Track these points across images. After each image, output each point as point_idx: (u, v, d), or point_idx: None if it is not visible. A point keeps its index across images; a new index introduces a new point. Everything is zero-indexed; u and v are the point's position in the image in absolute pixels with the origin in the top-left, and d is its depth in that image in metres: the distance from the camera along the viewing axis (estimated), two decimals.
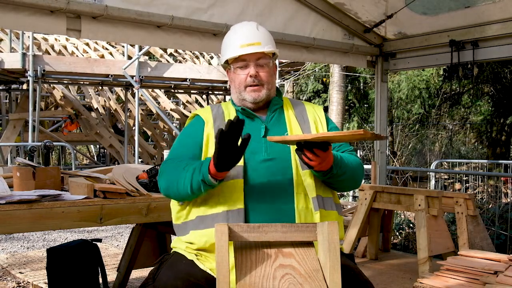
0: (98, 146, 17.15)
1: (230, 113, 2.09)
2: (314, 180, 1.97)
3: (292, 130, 2.07)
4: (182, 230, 2.00)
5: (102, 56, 10.46)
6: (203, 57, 11.76)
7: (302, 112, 2.16)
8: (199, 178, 1.84)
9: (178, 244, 2.00)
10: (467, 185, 8.47)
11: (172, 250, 2.02)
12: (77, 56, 10.48)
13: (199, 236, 1.91)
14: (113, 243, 5.97)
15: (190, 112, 11.77)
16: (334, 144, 2.10)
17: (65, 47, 10.92)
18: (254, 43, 2.06)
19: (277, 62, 10.46)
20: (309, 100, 12.89)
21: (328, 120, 2.18)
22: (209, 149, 2.00)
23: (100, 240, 3.45)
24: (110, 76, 9.67)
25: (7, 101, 12.05)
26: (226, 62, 2.12)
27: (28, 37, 9.03)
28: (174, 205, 2.06)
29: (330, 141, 1.88)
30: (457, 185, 8.69)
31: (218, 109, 2.13)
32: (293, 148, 1.98)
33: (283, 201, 1.93)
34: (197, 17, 3.64)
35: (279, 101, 2.14)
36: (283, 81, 12.49)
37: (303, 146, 1.83)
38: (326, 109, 11.94)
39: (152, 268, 1.96)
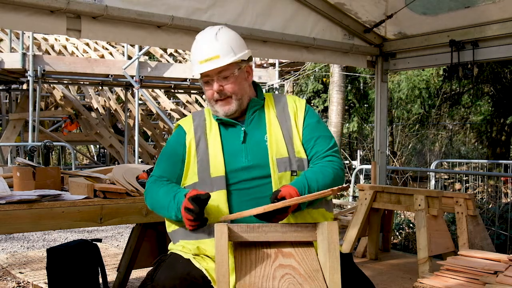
0: (98, 146, 17.16)
1: (212, 122, 2.07)
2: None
3: (272, 131, 2.02)
4: (173, 238, 2.03)
5: (102, 56, 10.46)
6: None
7: (284, 106, 2.10)
8: (180, 216, 1.87)
9: (174, 246, 2.03)
10: (467, 185, 8.46)
11: (169, 252, 2.03)
12: (77, 56, 10.48)
13: (189, 245, 1.94)
14: (113, 243, 5.97)
15: (190, 112, 11.77)
16: (309, 144, 2.03)
17: (65, 47, 10.92)
18: (212, 58, 1.96)
19: (278, 61, 10.30)
20: (309, 100, 12.88)
21: (308, 114, 2.09)
22: (191, 157, 2.01)
23: (100, 240, 3.45)
24: (110, 76, 9.67)
25: (7, 101, 12.07)
26: None
27: (28, 37, 9.03)
28: None
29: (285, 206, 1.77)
30: (457, 185, 8.69)
31: (200, 117, 2.11)
32: (270, 153, 1.96)
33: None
34: (197, 17, 3.64)
35: (258, 102, 2.08)
36: (283, 81, 12.48)
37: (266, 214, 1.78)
38: (325, 109, 11.94)
39: (150, 269, 1.97)
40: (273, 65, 11.67)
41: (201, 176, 1.97)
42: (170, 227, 2.03)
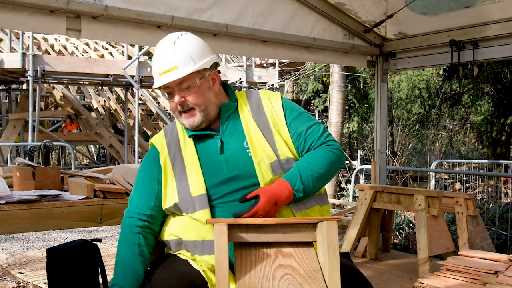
0: (98, 146, 17.17)
1: (185, 135, 1.95)
2: None
3: (251, 136, 1.89)
4: (167, 246, 1.97)
5: (102, 56, 10.46)
6: None
7: (259, 105, 1.97)
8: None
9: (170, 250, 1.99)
10: (467, 185, 8.47)
11: (165, 253, 2.00)
12: (77, 56, 10.49)
13: (183, 253, 1.90)
14: (113, 243, 5.97)
15: None
16: (300, 140, 1.92)
17: (65, 47, 10.92)
18: (170, 69, 1.85)
19: (278, 61, 10.29)
20: (309, 100, 12.88)
21: (287, 109, 1.96)
22: (168, 177, 1.92)
23: (100, 240, 3.44)
24: (110, 76, 9.67)
25: (7, 101, 12.08)
26: None
27: (28, 37, 9.03)
28: None
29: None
30: (457, 185, 8.69)
31: (172, 131, 2.00)
32: (256, 160, 1.85)
33: None
34: (197, 17, 3.63)
35: (230, 105, 1.95)
36: (283, 81, 12.49)
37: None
38: (325, 109, 11.94)
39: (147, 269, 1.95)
40: (273, 65, 11.68)
41: (181, 196, 1.87)
42: (164, 236, 1.96)
